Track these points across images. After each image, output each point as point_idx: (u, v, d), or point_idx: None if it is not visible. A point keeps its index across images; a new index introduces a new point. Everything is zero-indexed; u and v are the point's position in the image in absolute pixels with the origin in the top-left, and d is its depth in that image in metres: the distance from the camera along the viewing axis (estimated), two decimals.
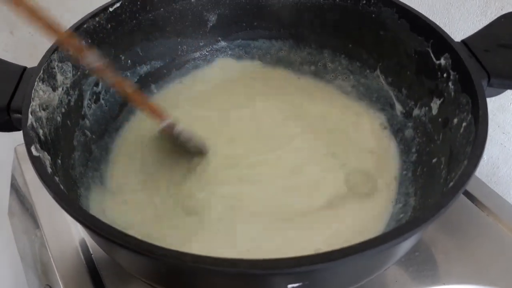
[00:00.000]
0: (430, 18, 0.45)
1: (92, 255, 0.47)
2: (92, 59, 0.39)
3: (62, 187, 0.34)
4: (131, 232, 0.28)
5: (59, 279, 0.46)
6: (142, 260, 0.31)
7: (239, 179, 0.46)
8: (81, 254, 0.48)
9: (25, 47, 0.73)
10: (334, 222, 0.43)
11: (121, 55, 0.50)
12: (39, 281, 0.53)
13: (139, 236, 0.28)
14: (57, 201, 0.31)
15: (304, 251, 0.27)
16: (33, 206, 0.54)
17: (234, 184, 0.46)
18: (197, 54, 0.56)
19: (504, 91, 0.40)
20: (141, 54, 0.52)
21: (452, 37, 0.42)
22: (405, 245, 0.34)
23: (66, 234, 0.50)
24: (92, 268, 0.46)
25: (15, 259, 0.64)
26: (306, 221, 0.43)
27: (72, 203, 0.31)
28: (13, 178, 0.61)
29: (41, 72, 0.39)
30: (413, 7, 0.46)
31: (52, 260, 0.48)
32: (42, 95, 0.39)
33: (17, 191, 0.61)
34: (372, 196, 0.45)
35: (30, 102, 0.37)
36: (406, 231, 0.28)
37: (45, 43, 0.43)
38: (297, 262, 0.25)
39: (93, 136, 0.47)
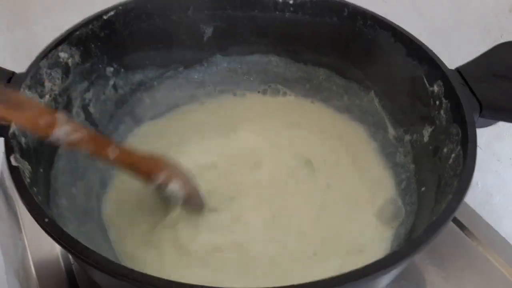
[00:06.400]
0: (431, 42, 0.44)
1: (73, 265, 0.46)
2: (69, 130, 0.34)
3: (39, 197, 0.33)
4: None
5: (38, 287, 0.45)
6: (108, 278, 0.30)
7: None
8: (61, 263, 0.47)
9: (25, 46, 0.73)
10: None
11: (113, 63, 0.49)
12: (20, 286, 0.52)
13: None
14: (30, 212, 0.31)
15: None
16: (18, 209, 0.53)
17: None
18: (192, 66, 0.55)
19: (497, 122, 0.39)
20: (134, 63, 0.51)
21: (453, 63, 0.41)
22: (386, 278, 0.33)
23: (48, 242, 0.49)
24: (72, 279, 0.45)
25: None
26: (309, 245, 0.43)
27: (43, 215, 0.31)
28: (2, 178, 0.61)
29: (28, 79, 0.39)
30: (414, 32, 0.46)
31: (32, 267, 0.47)
32: None
33: (5, 192, 0.60)
34: None
35: None
36: (384, 266, 0.27)
37: (45, 42, 0.43)
38: None
39: None
